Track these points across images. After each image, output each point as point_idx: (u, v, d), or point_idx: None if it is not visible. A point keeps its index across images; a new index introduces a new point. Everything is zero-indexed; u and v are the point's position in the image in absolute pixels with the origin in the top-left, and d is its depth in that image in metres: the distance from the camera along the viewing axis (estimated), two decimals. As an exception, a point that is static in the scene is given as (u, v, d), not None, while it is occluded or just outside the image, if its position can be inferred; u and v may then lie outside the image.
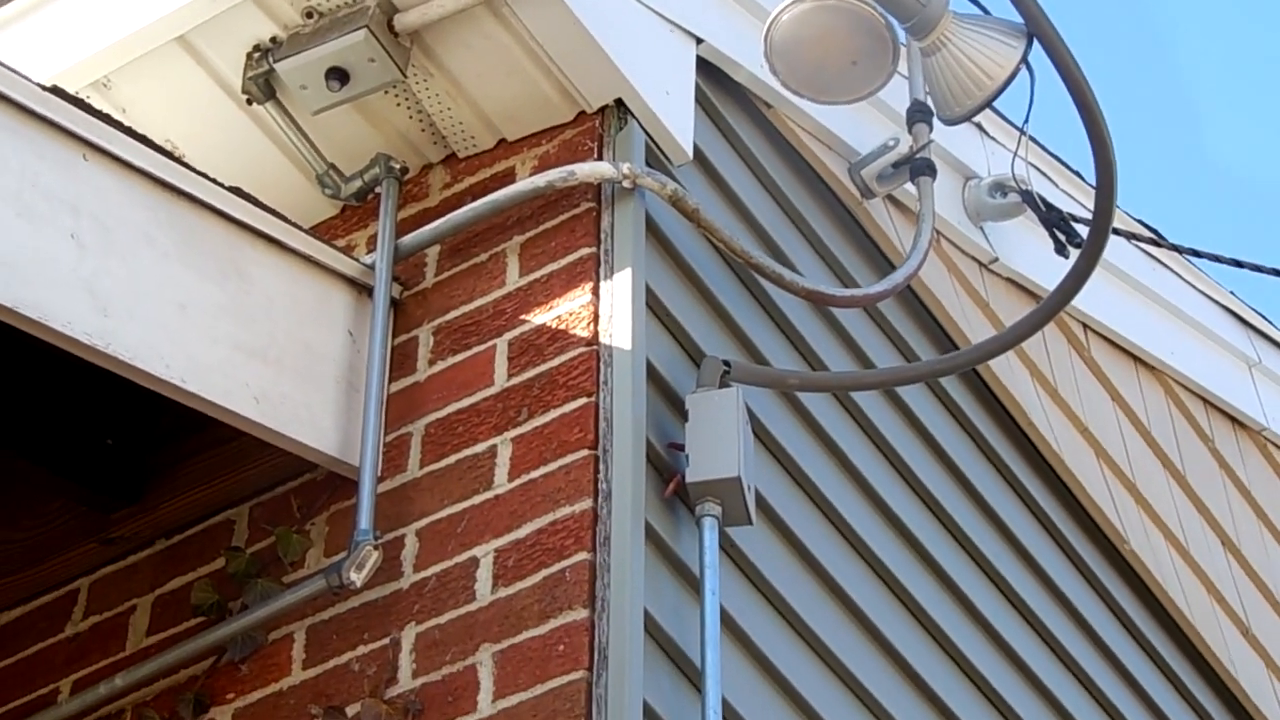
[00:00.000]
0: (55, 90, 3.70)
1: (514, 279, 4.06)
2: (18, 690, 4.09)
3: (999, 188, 5.29)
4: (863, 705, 4.19)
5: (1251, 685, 5.79)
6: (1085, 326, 5.70)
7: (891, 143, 4.88)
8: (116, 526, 4.13)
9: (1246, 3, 15.53)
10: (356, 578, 3.70)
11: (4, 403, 4.04)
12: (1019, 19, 4.09)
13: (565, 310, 3.95)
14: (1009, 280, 5.41)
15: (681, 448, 3.88)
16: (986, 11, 4.26)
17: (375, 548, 3.73)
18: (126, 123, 3.93)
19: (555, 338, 3.92)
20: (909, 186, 4.88)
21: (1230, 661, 5.72)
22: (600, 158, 4.15)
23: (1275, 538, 6.29)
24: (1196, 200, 14.92)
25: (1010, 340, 4.48)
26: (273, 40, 4.24)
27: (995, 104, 4.30)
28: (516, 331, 3.98)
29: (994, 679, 4.64)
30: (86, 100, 3.95)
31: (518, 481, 3.77)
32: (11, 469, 4.12)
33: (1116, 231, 5.57)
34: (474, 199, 4.19)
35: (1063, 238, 5.17)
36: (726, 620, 3.81)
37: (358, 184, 4.32)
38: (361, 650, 3.72)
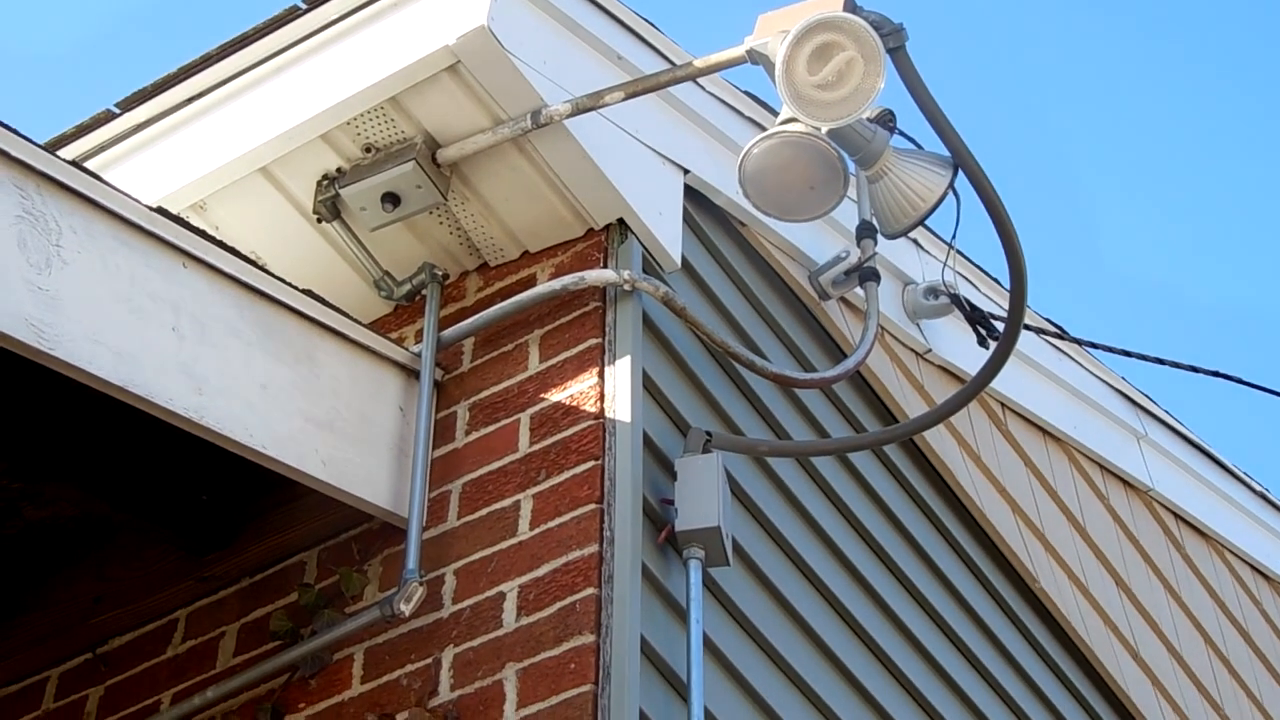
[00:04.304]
0: (160, 210, 3.70)
1: (535, 365, 4.05)
2: (128, 701, 4.06)
3: (931, 291, 5.29)
4: (820, 714, 4.15)
5: (1140, 699, 5.75)
6: (1003, 405, 5.68)
7: (843, 254, 4.88)
8: (209, 567, 4.11)
9: (1139, 127, 15.59)
10: (405, 608, 3.68)
11: (117, 468, 4.03)
12: (947, 153, 4.09)
13: (576, 390, 3.93)
14: (940, 367, 5.39)
15: (671, 502, 3.86)
16: (920, 147, 4.26)
17: (420, 584, 3.71)
18: (218, 237, 3.93)
19: (568, 412, 3.91)
20: (858, 290, 4.87)
21: (1123, 679, 5.68)
22: (605, 266, 4.14)
23: (1158, 577, 6.26)
24: (1092, 298, 14.95)
25: (941, 415, 4.47)
26: (338, 170, 4.24)
27: (927, 222, 4.28)
28: (537, 408, 3.96)
29: (928, 693, 4.60)
30: (185, 219, 3.94)
31: (538, 530, 3.75)
32: (123, 521, 4.11)
33: (1027, 327, 5.57)
34: (502, 300, 4.18)
35: (984, 332, 5.17)
36: (708, 644, 3.78)
37: (407, 287, 4.31)
38: (409, 668, 3.70)
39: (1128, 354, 5.69)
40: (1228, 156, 15.66)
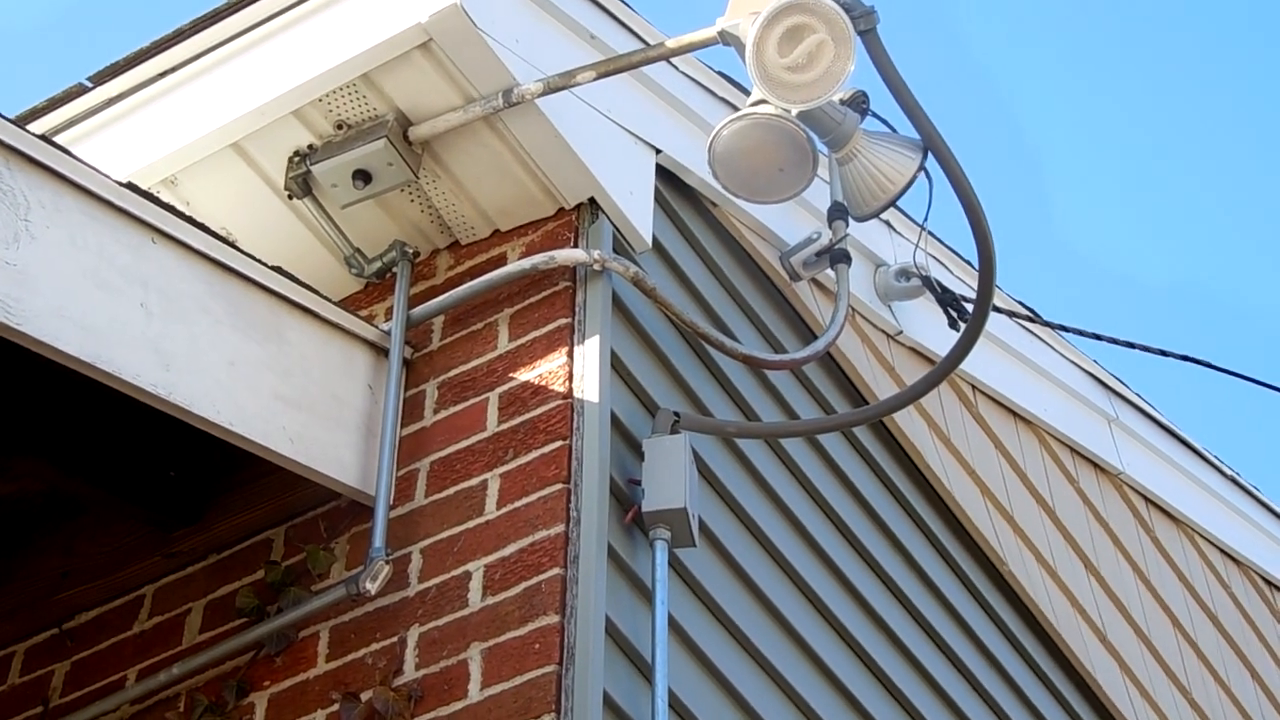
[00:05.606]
0: (129, 185, 3.69)
1: (504, 344, 4.05)
2: (94, 676, 4.06)
3: (903, 273, 5.29)
4: (785, 696, 4.17)
5: (1107, 682, 5.77)
6: (973, 387, 5.69)
7: (815, 235, 4.88)
8: (176, 543, 4.10)
9: (1100, 107, 15.64)
10: (371, 587, 3.69)
11: (85, 443, 4.02)
12: (918, 136, 4.09)
13: (545, 369, 3.93)
14: (911, 349, 5.40)
15: (638, 483, 3.86)
16: (892, 129, 4.26)
17: (387, 563, 3.71)
18: (188, 213, 3.93)
19: (537, 392, 3.91)
20: (829, 272, 4.87)
21: (1090, 662, 5.70)
22: (576, 246, 4.14)
23: (1128, 561, 6.28)
24: (1058, 283, 15.05)
25: (911, 397, 4.47)
26: (310, 147, 4.24)
27: (898, 204, 4.28)
28: (505, 387, 3.96)
29: (893, 674, 4.62)
30: (156, 194, 3.94)
31: (504, 509, 3.75)
32: (91, 496, 4.10)
33: (997, 309, 5.58)
34: (472, 278, 4.18)
35: (954, 314, 5.18)
36: (673, 625, 3.79)
37: (378, 265, 4.31)
38: (374, 647, 3.70)
39: (1099, 337, 5.71)
40: (1183, 140, 15.72)
